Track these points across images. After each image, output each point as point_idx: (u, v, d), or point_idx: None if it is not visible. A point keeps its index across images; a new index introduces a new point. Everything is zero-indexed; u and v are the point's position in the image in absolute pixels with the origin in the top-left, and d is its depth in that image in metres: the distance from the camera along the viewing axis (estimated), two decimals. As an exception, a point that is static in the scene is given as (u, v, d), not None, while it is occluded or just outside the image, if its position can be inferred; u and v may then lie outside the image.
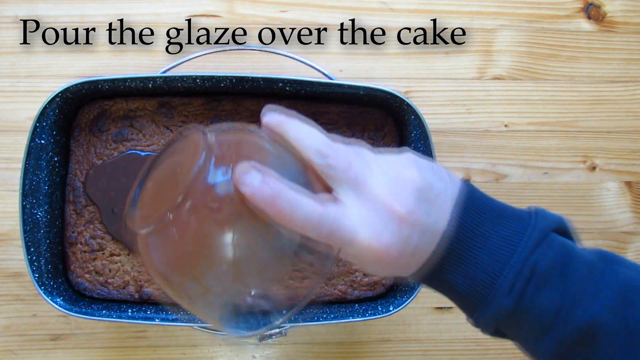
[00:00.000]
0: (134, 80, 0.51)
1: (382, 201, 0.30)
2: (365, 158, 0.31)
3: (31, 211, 0.50)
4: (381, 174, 0.31)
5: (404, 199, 0.31)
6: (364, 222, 0.30)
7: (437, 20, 0.62)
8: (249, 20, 0.61)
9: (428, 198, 0.31)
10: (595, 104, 0.63)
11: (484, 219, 0.32)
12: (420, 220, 0.31)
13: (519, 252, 0.31)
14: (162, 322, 0.50)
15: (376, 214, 0.30)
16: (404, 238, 0.30)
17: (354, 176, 0.30)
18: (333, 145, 0.31)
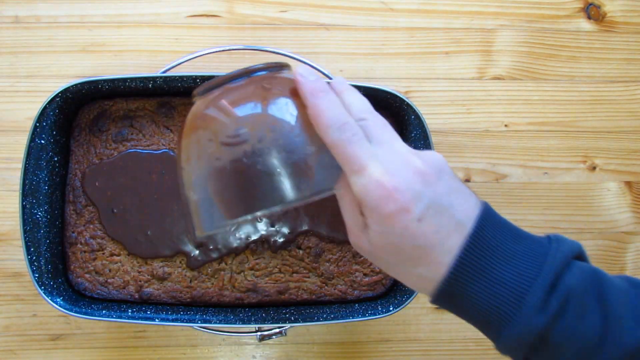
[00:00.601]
0: (134, 80, 0.51)
1: (403, 153, 0.32)
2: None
3: (31, 211, 0.50)
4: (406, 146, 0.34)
5: (426, 161, 0.32)
6: (380, 158, 0.32)
7: (437, 20, 0.62)
8: (249, 20, 0.61)
9: (452, 186, 0.32)
10: (595, 104, 0.63)
11: (506, 236, 0.32)
12: (437, 190, 0.31)
13: (546, 270, 0.30)
14: (162, 322, 0.50)
15: (393, 157, 0.32)
16: (415, 192, 0.31)
17: (386, 135, 0.33)
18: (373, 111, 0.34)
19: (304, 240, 0.55)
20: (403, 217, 0.31)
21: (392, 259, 0.33)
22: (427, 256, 0.32)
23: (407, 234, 0.31)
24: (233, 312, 0.53)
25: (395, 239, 0.32)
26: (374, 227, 0.32)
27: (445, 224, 0.32)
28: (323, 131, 0.32)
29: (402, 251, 0.32)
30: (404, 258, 0.33)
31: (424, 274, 0.33)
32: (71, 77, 0.59)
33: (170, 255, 0.54)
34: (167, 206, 0.53)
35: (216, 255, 0.54)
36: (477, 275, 0.31)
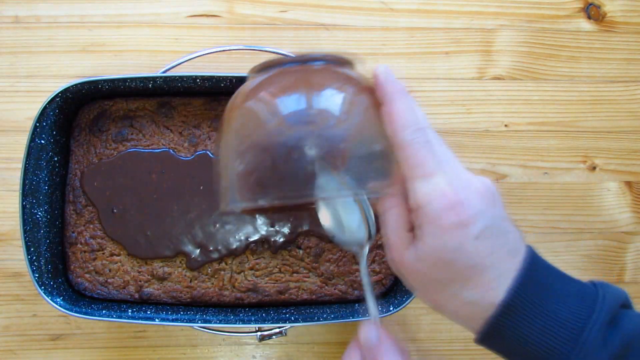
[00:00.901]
0: (134, 80, 0.51)
1: (464, 171, 0.32)
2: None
3: (31, 211, 0.50)
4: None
5: (484, 184, 0.32)
6: (445, 169, 0.32)
7: (437, 20, 0.62)
8: (249, 20, 0.61)
9: (504, 213, 0.33)
10: (595, 104, 0.63)
11: (556, 276, 0.32)
12: (495, 213, 0.32)
13: (599, 310, 0.31)
14: (162, 322, 0.50)
15: (457, 172, 0.32)
16: (476, 209, 0.31)
17: (447, 151, 0.33)
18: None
19: (304, 240, 0.55)
20: (462, 232, 0.30)
21: (439, 277, 0.32)
22: (478, 277, 0.31)
23: (462, 250, 0.31)
24: (233, 312, 0.53)
25: (449, 255, 0.31)
26: (428, 239, 0.31)
27: (499, 247, 0.31)
28: (398, 131, 0.32)
29: (454, 269, 0.31)
30: (453, 277, 0.32)
31: (473, 297, 0.32)
32: (71, 77, 0.59)
33: (170, 256, 0.54)
34: (167, 206, 0.53)
35: (216, 256, 0.54)
36: (531, 311, 0.31)
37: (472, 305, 0.32)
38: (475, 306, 0.32)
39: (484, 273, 0.31)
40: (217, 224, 0.54)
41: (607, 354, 0.30)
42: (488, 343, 0.33)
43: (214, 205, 0.54)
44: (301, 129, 0.33)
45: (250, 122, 0.34)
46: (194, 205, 0.54)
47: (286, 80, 0.35)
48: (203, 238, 0.54)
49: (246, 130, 0.34)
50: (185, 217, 0.53)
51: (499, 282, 0.31)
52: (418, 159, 0.32)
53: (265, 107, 0.34)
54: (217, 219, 0.54)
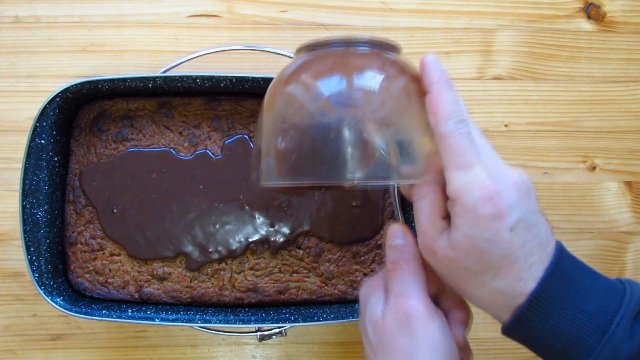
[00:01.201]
0: (134, 80, 0.51)
1: (502, 164, 0.33)
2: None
3: (31, 211, 0.50)
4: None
5: (520, 176, 0.33)
6: (484, 161, 0.32)
7: (437, 20, 0.62)
8: (249, 20, 0.61)
9: (537, 207, 0.33)
10: (595, 104, 0.63)
11: (584, 270, 0.33)
12: (529, 207, 0.32)
13: (627, 303, 0.31)
14: (162, 322, 0.50)
15: (495, 164, 0.32)
16: (512, 202, 0.31)
17: (485, 143, 0.34)
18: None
19: (304, 240, 0.55)
20: (497, 223, 0.31)
21: (471, 266, 0.33)
22: (509, 268, 0.32)
23: (496, 240, 0.31)
24: (233, 312, 0.53)
25: (483, 244, 0.32)
26: (463, 228, 0.32)
27: (530, 240, 0.32)
28: (441, 120, 0.32)
29: (486, 258, 0.32)
30: (485, 267, 0.32)
31: (502, 287, 0.33)
32: (71, 77, 0.59)
33: (169, 256, 0.54)
34: (166, 206, 0.53)
35: (216, 257, 0.54)
36: (559, 303, 0.32)
37: (501, 294, 0.33)
38: (504, 295, 0.33)
39: (515, 264, 0.32)
40: (216, 224, 0.54)
41: (633, 346, 0.30)
42: (515, 333, 0.34)
43: (214, 205, 0.54)
44: (342, 112, 0.33)
45: (293, 102, 0.35)
46: (194, 205, 0.54)
47: (330, 63, 0.35)
48: (203, 239, 0.54)
49: (289, 109, 0.35)
50: (185, 217, 0.53)
51: (529, 272, 0.32)
52: (459, 150, 0.32)
53: (307, 88, 0.34)
54: (217, 219, 0.54)
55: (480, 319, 0.60)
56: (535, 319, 0.32)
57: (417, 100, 0.34)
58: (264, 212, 0.54)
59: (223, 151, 0.54)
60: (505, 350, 0.61)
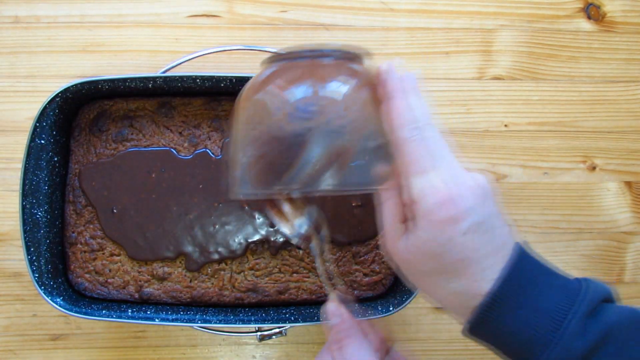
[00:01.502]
0: (134, 80, 0.51)
1: (458, 168, 0.33)
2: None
3: (31, 211, 0.50)
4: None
5: (477, 180, 0.33)
6: (440, 166, 0.33)
7: (437, 20, 0.62)
8: (249, 20, 0.61)
9: (495, 210, 0.34)
10: (595, 104, 0.63)
11: (542, 269, 0.34)
12: (485, 210, 0.33)
13: (581, 300, 0.32)
14: (162, 322, 0.50)
15: (451, 169, 0.33)
16: (468, 206, 0.32)
17: (444, 147, 0.34)
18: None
19: (303, 241, 0.55)
20: (451, 228, 0.32)
21: (428, 268, 0.34)
22: (464, 270, 0.33)
23: (450, 244, 0.32)
24: (233, 312, 0.53)
25: (438, 248, 0.32)
26: (419, 232, 0.33)
27: (487, 243, 0.33)
28: (395, 128, 0.33)
29: (441, 261, 0.33)
30: (441, 269, 0.33)
31: (459, 288, 0.33)
32: (71, 77, 0.59)
33: (169, 257, 0.54)
34: (166, 206, 0.53)
35: (216, 257, 0.54)
36: (515, 302, 0.32)
37: (459, 295, 0.34)
38: (462, 296, 0.34)
39: (470, 266, 0.33)
40: (216, 225, 0.54)
41: (584, 343, 0.31)
42: (475, 333, 0.35)
43: (214, 205, 0.54)
44: (304, 122, 0.34)
45: (258, 113, 0.36)
46: (194, 205, 0.54)
47: (294, 73, 0.36)
48: (203, 239, 0.54)
49: (254, 121, 0.36)
50: (184, 217, 0.53)
51: (484, 274, 0.33)
52: (413, 156, 0.33)
53: (273, 99, 0.35)
54: (217, 220, 0.54)
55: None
56: (493, 319, 0.33)
57: (376, 108, 0.35)
58: (263, 212, 0.54)
59: (223, 151, 0.54)
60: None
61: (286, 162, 0.34)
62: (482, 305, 0.33)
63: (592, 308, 0.32)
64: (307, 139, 0.34)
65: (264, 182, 0.35)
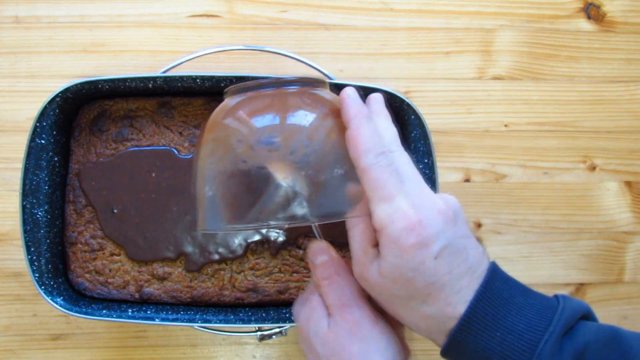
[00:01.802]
0: (134, 80, 0.51)
1: (426, 191, 0.33)
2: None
3: (31, 211, 0.50)
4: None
5: (447, 202, 0.33)
6: (407, 191, 0.32)
7: (437, 20, 0.62)
8: (249, 20, 0.61)
9: (466, 231, 0.33)
10: (595, 104, 0.63)
11: (516, 289, 0.33)
12: (455, 232, 0.32)
13: (557, 321, 0.31)
14: (162, 322, 0.50)
15: (419, 193, 0.32)
16: (436, 230, 0.31)
17: (411, 171, 0.34)
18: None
19: (304, 240, 0.55)
20: (421, 252, 0.31)
21: (400, 293, 0.33)
22: (437, 294, 0.32)
23: (421, 269, 0.32)
24: (233, 312, 0.53)
25: (409, 273, 0.32)
26: (389, 258, 0.32)
27: (457, 265, 0.32)
28: (360, 154, 0.33)
29: (413, 286, 0.32)
30: (413, 294, 0.33)
31: (431, 312, 0.33)
32: (71, 77, 0.59)
33: (170, 258, 0.54)
34: (166, 206, 0.53)
35: (216, 258, 0.54)
36: (490, 324, 0.32)
37: (431, 319, 0.33)
38: (434, 320, 0.33)
39: (443, 290, 0.32)
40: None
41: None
42: (451, 356, 0.34)
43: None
44: (268, 153, 0.33)
45: (221, 146, 0.35)
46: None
47: (257, 104, 0.35)
48: (202, 239, 0.54)
49: (217, 154, 0.35)
50: (184, 218, 0.53)
51: (457, 297, 0.32)
52: (379, 183, 0.32)
53: (235, 131, 0.34)
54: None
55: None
56: (467, 342, 0.32)
57: (341, 136, 0.34)
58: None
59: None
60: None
61: (252, 196, 0.33)
62: (456, 328, 0.32)
63: (569, 327, 0.32)
64: (272, 171, 0.33)
65: (231, 218, 0.34)
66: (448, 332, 0.33)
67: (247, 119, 0.35)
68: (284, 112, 0.35)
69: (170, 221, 0.53)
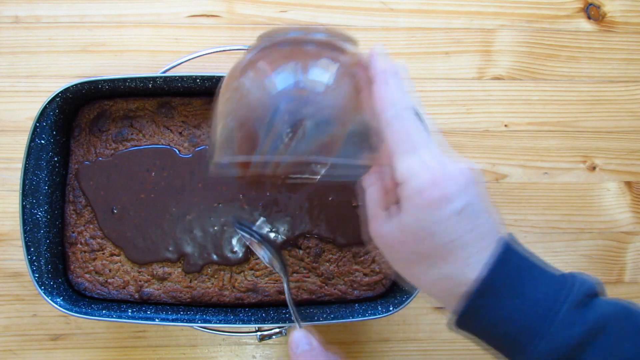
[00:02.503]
0: (134, 80, 0.51)
1: (447, 156, 0.33)
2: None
3: (31, 211, 0.50)
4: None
5: (467, 169, 0.33)
6: (434, 147, 0.32)
7: (437, 20, 0.62)
8: (249, 20, 0.61)
9: (484, 194, 0.33)
10: (595, 104, 0.63)
11: (533, 260, 0.33)
12: (476, 192, 0.32)
13: (575, 292, 0.31)
14: (162, 322, 0.50)
15: (440, 151, 0.32)
16: (460, 186, 0.31)
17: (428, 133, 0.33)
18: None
19: (303, 240, 0.55)
20: (445, 207, 0.31)
21: (420, 249, 0.32)
22: (457, 253, 0.32)
23: (444, 224, 0.31)
24: (233, 312, 0.53)
25: (432, 227, 0.31)
26: (412, 210, 0.32)
27: (479, 226, 0.32)
28: (386, 106, 0.32)
29: (434, 242, 0.32)
30: (433, 251, 0.32)
31: (449, 272, 0.32)
32: (71, 77, 0.59)
33: (170, 259, 0.54)
34: (165, 207, 0.53)
35: (215, 259, 0.54)
36: (507, 291, 0.31)
37: (447, 280, 0.33)
38: (451, 282, 0.32)
39: (463, 249, 0.32)
40: (215, 226, 0.54)
41: (575, 334, 0.30)
42: (462, 325, 0.34)
43: (213, 205, 0.54)
44: (289, 96, 0.34)
45: (243, 87, 0.36)
46: (193, 205, 0.53)
47: (283, 51, 0.36)
48: (202, 241, 0.54)
49: (237, 93, 0.36)
50: (184, 218, 0.53)
51: (476, 258, 0.32)
52: (404, 135, 0.32)
53: (258, 74, 0.35)
54: (217, 221, 0.54)
55: (480, 319, 0.60)
56: (486, 307, 0.32)
57: (361, 93, 0.35)
58: (264, 212, 0.54)
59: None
60: (505, 350, 0.61)
61: (266, 133, 0.34)
62: (475, 291, 0.32)
63: (582, 299, 0.31)
64: (288, 115, 0.33)
65: (244, 150, 0.35)
66: (464, 295, 0.32)
67: (272, 65, 0.35)
68: (311, 59, 0.35)
69: (170, 223, 0.53)
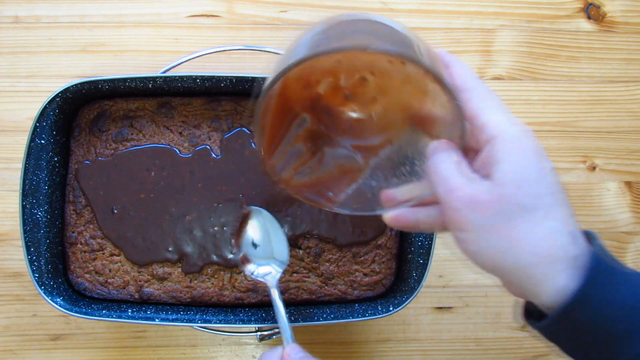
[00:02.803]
0: (134, 80, 0.51)
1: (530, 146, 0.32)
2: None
3: (31, 211, 0.50)
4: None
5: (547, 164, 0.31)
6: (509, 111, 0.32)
7: (437, 20, 0.62)
8: (249, 20, 0.61)
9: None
10: (595, 104, 0.63)
11: (617, 261, 0.31)
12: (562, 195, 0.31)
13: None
14: (162, 322, 0.50)
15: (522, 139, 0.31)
16: (544, 185, 0.30)
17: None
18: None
19: (303, 240, 0.55)
20: (542, 158, 0.31)
21: (525, 200, 0.29)
22: (560, 205, 0.30)
23: (544, 173, 0.30)
24: (233, 312, 0.53)
25: (534, 174, 0.30)
26: (513, 157, 0.30)
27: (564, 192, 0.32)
28: (467, 77, 0.33)
29: (538, 191, 0.30)
30: (538, 201, 0.30)
31: (555, 228, 0.30)
32: (71, 77, 0.59)
33: (169, 259, 0.54)
34: (165, 207, 0.53)
35: (215, 259, 0.54)
36: (619, 274, 0.29)
37: (553, 238, 0.30)
38: (558, 240, 0.29)
39: (563, 204, 0.30)
40: (215, 227, 0.54)
41: None
42: (577, 309, 0.29)
43: (213, 205, 0.54)
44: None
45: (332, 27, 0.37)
46: (193, 205, 0.53)
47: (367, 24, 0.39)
48: (202, 241, 0.54)
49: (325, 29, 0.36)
50: (183, 219, 0.53)
51: (576, 225, 0.30)
52: (489, 95, 0.32)
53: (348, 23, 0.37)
54: (216, 221, 0.54)
55: (479, 319, 0.60)
56: (607, 286, 0.29)
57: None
58: (264, 212, 0.54)
59: (223, 149, 0.54)
60: (504, 351, 0.61)
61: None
62: (596, 250, 0.29)
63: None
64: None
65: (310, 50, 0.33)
66: (573, 259, 0.29)
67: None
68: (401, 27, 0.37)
69: (170, 223, 0.53)
